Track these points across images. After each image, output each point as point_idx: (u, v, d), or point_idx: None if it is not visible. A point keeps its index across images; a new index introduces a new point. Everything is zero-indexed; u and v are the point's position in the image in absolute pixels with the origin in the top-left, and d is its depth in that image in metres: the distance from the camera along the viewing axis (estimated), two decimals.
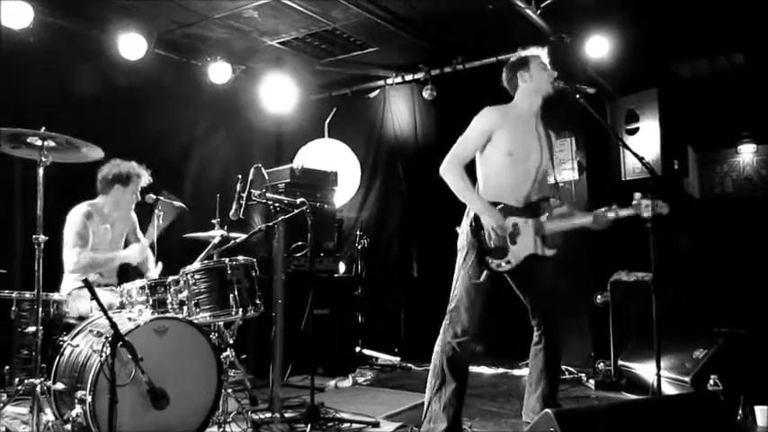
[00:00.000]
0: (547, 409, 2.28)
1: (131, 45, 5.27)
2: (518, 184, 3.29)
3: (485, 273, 3.15)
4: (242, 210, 3.71)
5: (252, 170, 3.74)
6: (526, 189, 3.30)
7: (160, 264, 4.16)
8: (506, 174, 3.26)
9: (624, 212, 3.20)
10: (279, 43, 5.82)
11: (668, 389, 3.98)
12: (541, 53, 3.42)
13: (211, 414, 3.21)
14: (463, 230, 3.28)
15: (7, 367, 3.09)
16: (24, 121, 3.06)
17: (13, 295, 3.18)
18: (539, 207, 3.31)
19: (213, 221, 4.10)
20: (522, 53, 3.44)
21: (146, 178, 4.07)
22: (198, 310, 3.45)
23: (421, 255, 6.68)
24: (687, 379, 3.97)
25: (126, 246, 4.15)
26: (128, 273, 4.10)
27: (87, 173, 3.96)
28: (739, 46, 5.54)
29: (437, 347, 3.27)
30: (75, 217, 3.85)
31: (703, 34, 5.25)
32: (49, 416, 3.06)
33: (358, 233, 6.17)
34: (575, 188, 5.49)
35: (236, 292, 3.51)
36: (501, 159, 3.25)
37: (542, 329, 3.36)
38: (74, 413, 2.85)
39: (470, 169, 3.31)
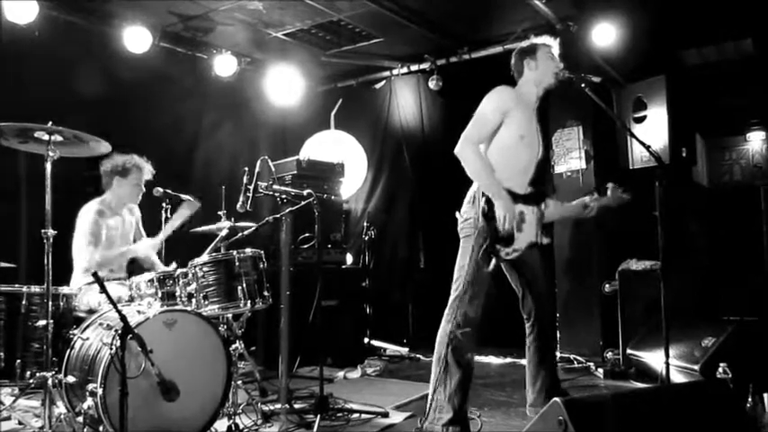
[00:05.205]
0: (556, 398, 2.27)
1: (136, 38, 5.28)
2: (526, 170, 3.29)
3: (493, 261, 3.15)
4: (249, 202, 3.71)
5: (258, 162, 3.73)
6: (530, 176, 3.31)
7: (174, 264, 4.09)
8: (516, 158, 3.25)
9: (602, 201, 3.45)
10: (284, 35, 5.81)
11: (677, 377, 3.98)
12: (552, 43, 3.43)
13: (221, 405, 3.22)
14: (468, 215, 3.25)
15: (18, 361, 3.11)
16: (30, 116, 3.06)
17: (24, 289, 3.19)
18: (539, 196, 3.33)
19: (220, 214, 4.11)
20: (534, 40, 3.45)
21: (147, 170, 4.05)
22: (206, 302, 3.46)
23: (428, 245, 6.67)
24: (696, 367, 3.95)
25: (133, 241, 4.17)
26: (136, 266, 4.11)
27: (93, 167, 3.98)
28: (748, 32, 5.48)
29: (440, 338, 3.26)
30: (87, 215, 3.86)
31: (711, 20, 5.21)
32: (60, 408, 3.08)
33: (365, 224, 6.18)
34: (582, 177, 5.46)
35: (244, 285, 3.52)
36: (513, 142, 3.23)
37: (534, 318, 3.39)
38: (85, 405, 2.87)
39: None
